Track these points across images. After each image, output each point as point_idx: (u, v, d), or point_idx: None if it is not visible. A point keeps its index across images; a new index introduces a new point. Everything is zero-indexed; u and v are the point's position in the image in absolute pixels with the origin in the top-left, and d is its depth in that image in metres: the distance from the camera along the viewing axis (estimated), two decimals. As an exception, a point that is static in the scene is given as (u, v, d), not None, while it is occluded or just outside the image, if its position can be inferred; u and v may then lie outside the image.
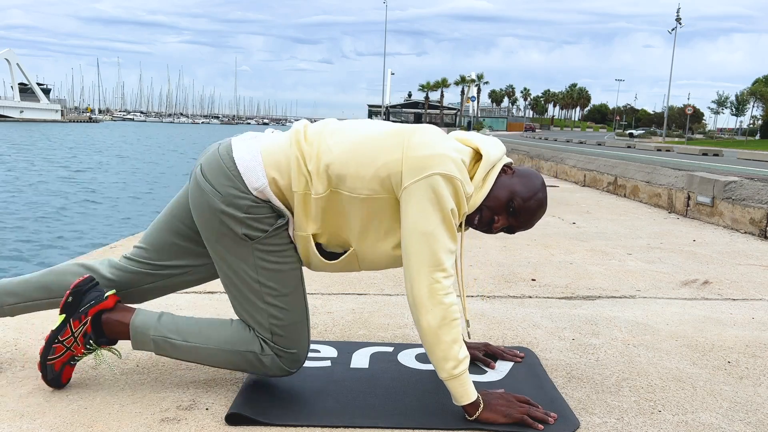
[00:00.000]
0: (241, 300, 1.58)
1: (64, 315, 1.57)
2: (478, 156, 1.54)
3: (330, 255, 1.59)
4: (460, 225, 1.55)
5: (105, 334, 1.61)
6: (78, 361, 1.61)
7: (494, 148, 1.56)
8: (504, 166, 1.58)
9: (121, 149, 41.16)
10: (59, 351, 1.57)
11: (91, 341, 1.59)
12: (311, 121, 1.64)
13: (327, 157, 1.49)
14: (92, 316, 1.58)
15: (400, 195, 1.45)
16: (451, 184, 1.43)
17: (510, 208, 1.55)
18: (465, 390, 1.45)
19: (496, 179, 1.55)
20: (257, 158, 1.52)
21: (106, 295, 1.61)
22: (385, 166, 1.46)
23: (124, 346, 1.93)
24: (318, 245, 1.57)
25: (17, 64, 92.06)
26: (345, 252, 1.57)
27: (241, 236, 1.51)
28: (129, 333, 1.60)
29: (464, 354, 1.44)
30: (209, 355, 1.59)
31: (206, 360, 1.61)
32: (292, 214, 1.55)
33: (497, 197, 1.54)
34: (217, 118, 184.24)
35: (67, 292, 1.59)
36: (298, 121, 1.61)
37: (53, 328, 1.57)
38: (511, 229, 1.60)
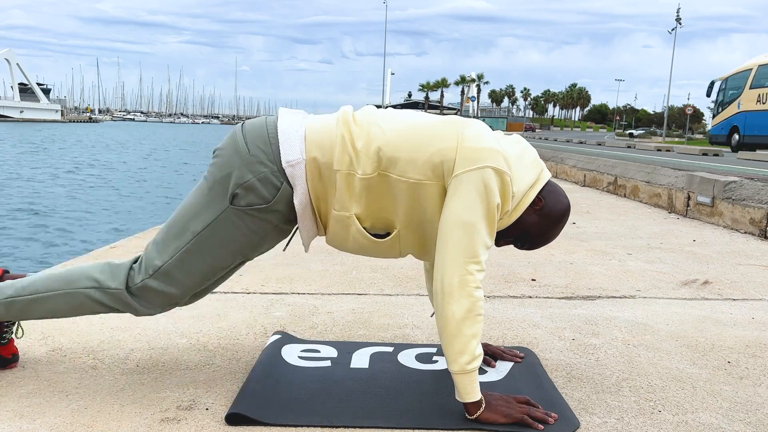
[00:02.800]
0: (166, 233, 1.58)
1: None
2: None
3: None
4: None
5: None
6: (7, 339, 1.67)
7: (526, 175, 1.54)
8: (537, 196, 1.56)
9: (144, 146, 42.38)
10: None
11: None
12: None
13: (379, 140, 1.49)
14: None
15: (449, 183, 1.46)
16: (501, 179, 1.44)
17: (518, 242, 1.62)
18: (473, 387, 1.45)
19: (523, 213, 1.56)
20: (300, 133, 1.53)
21: None
22: (439, 153, 1.46)
23: (123, 346, 1.94)
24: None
25: (17, 64, 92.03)
26: (388, 234, 1.57)
27: (228, 193, 1.52)
28: None
29: (480, 351, 1.44)
30: (56, 303, 1.59)
31: (56, 310, 1.61)
32: (311, 201, 1.54)
33: (512, 228, 1.58)
34: (217, 118, 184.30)
35: None
36: (345, 105, 1.61)
37: None
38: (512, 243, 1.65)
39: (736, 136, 17.43)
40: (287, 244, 1.78)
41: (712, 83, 19.71)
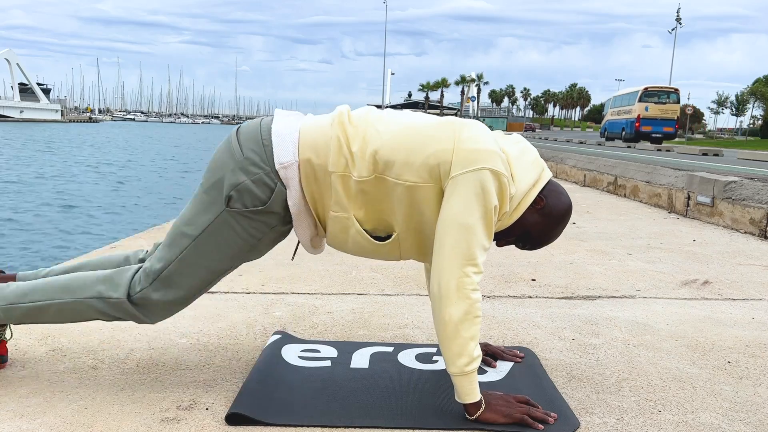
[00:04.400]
0: (170, 236, 1.58)
1: None
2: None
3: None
4: None
5: None
6: None
7: (526, 175, 1.53)
8: (538, 196, 1.55)
9: (155, 147, 43.34)
10: None
11: None
12: None
13: (375, 142, 1.49)
14: None
15: (446, 185, 1.45)
16: (498, 181, 1.44)
17: (519, 237, 1.60)
18: (472, 388, 1.45)
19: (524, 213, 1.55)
20: (294, 135, 1.53)
21: None
22: (435, 155, 1.46)
23: (123, 346, 1.94)
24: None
25: (17, 64, 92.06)
26: (389, 236, 1.57)
27: (224, 195, 1.52)
28: None
29: (478, 353, 1.44)
30: (58, 310, 1.60)
31: (58, 317, 1.61)
32: (307, 202, 1.54)
33: (513, 228, 1.57)
34: (218, 118, 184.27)
35: None
36: (341, 105, 1.61)
37: None
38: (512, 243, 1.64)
39: (605, 133, 29.93)
40: (294, 254, 1.79)
41: (602, 104, 37.06)
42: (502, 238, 1.60)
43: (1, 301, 1.61)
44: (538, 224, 1.57)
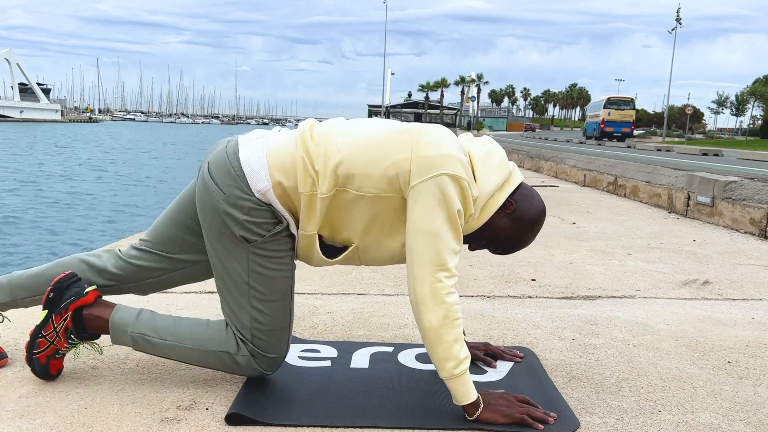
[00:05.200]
0: (228, 299, 1.59)
1: (46, 311, 1.61)
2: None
3: (331, 251, 1.60)
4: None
5: (86, 329, 1.63)
6: (63, 354, 1.65)
7: (491, 177, 1.53)
8: (508, 200, 1.55)
9: (164, 145, 44.47)
10: (43, 345, 1.60)
11: (72, 335, 1.61)
12: (318, 121, 1.65)
13: (335, 157, 1.49)
14: (72, 312, 1.61)
15: (408, 194, 1.45)
16: (458, 185, 1.44)
17: (489, 241, 1.60)
18: (465, 390, 1.45)
19: (493, 213, 1.54)
20: (262, 160, 1.53)
21: (87, 290, 1.63)
22: (393, 165, 1.46)
23: (124, 346, 1.93)
24: (320, 239, 1.58)
25: (17, 64, 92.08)
26: (346, 248, 1.58)
27: (238, 238, 1.52)
28: (108, 328, 1.63)
29: (465, 354, 1.44)
30: (185, 354, 1.62)
31: (182, 358, 1.63)
32: (295, 217, 1.55)
33: (483, 232, 1.56)
34: (218, 118, 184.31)
35: (48, 288, 1.62)
36: (305, 121, 1.61)
37: (37, 323, 1.61)
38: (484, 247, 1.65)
39: (585, 133, 35.16)
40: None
41: (584, 110, 46.39)
42: (472, 241, 1.60)
43: (133, 328, 1.62)
44: (508, 229, 1.56)
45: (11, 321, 2.01)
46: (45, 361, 1.62)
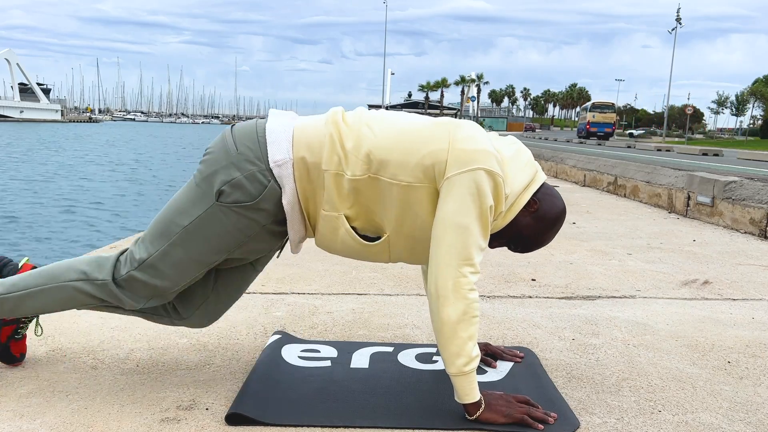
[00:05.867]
0: (158, 225, 1.58)
1: None
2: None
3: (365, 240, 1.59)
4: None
5: None
6: (21, 334, 1.71)
7: (520, 176, 1.53)
8: (532, 198, 1.55)
9: (170, 145, 44.72)
10: None
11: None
12: None
13: (369, 142, 1.49)
14: None
15: (441, 185, 1.45)
16: (493, 181, 1.44)
17: (511, 241, 1.60)
18: (471, 388, 1.45)
19: (517, 213, 1.55)
20: (288, 133, 1.53)
21: (20, 265, 1.69)
22: (430, 155, 1.46)
23: (123, 346, 1.94)
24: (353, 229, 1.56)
25: (17, 64, 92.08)
26: (379, 238, 1.56)
27: (215, 189, 1.51)
28: None
29: (477, 352, 1.44)
30: (45, 297, 1.60)
31: (46, 305, 1.62)
32: (300, 202, 1.54)
33: (506, 230, 1.57)
34: (218, 118, 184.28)
35: None
36: (335, 107, 1.61)
37: None
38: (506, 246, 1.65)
39: (579, 133, 38.67)
40: (279, 252, 1.75)
41: (577, 111, 50.74)
42: (494, 239, 1.60)
43: None
44: (531, 227, 1.56)
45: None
46: (5, 341, 1.68)
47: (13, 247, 10.46)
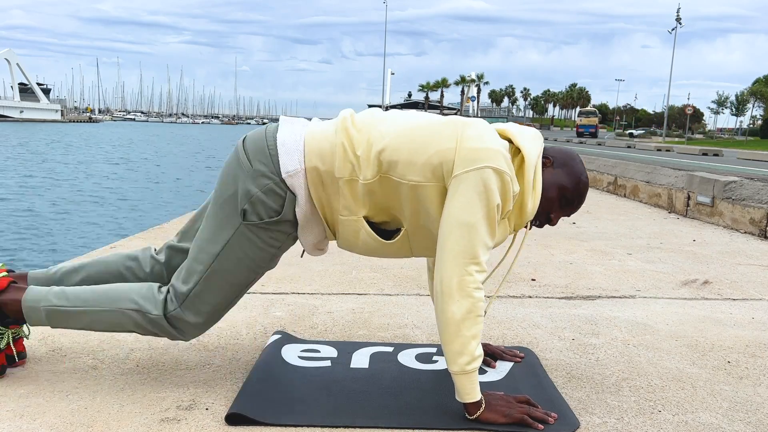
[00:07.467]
0: (193, 255, 1.60)
1: None
2: (514, 149, 1.55)
3: (383, 236, 1.59)
4: (527, 224, 1.59)
5: (7, 315, 1.65)
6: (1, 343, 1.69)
7: (532, 144, 1.55)
8: (543, 158, 1.58)
9: (178, 145, 45.22)
10: None
11: None
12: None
13: (379, 144, 1.50)
14: None
15: (449, 183, 1.46)
16: (501, 179, 1.44)
17: (562, 203, 1.60)
18: (472, 387, 1.45)
19: (543, 178, 1.56)
20: (299, 143, 1.54)
21: None
22: (438, 154, 1.47)
23: (123, 346, 1.94)
24: (372, 224, 1.58)
25: (17, 64, 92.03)
26: (398, 231, 1.57)
27: (239, 211, 1.54)
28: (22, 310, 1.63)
29: (480, 352, 1.44)
30: (97, 318, 1.62)
31: (96, 324, 1.63)
32: (315, 208, 1.55)
33: (548, 197, 1.57)
34: (218, 118, 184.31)
35: None
36: (345, 110, 1.61)
37: None
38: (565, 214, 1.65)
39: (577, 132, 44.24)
40: (303, 252, 1.78)
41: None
42: (542, 212, 1.59)
43: (45, 302, 1.62)
44: (562, 179, 1.57)
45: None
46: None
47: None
